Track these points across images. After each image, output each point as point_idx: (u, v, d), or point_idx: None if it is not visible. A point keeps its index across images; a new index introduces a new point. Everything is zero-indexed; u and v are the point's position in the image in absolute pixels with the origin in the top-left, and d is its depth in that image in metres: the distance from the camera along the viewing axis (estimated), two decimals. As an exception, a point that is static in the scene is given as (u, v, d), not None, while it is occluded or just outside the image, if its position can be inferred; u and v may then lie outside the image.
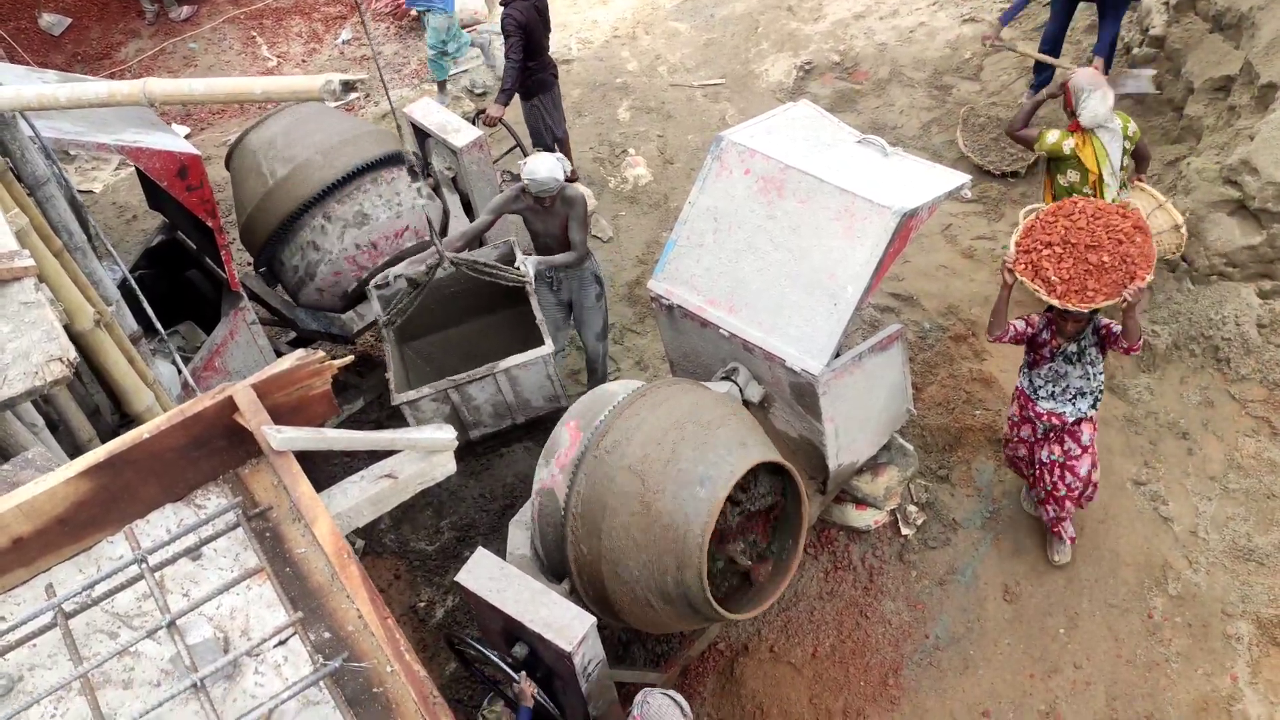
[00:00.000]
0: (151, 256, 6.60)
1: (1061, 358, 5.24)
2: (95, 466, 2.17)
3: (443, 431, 2.47)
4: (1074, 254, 4.84)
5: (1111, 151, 5.99)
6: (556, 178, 5.80)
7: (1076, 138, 5.99)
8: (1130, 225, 4.84)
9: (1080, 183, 6.07)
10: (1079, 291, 4.80)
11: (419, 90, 9.24)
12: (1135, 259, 4.77)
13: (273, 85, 2.82)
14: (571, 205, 6.03)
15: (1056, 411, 5.33)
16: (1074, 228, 4.89)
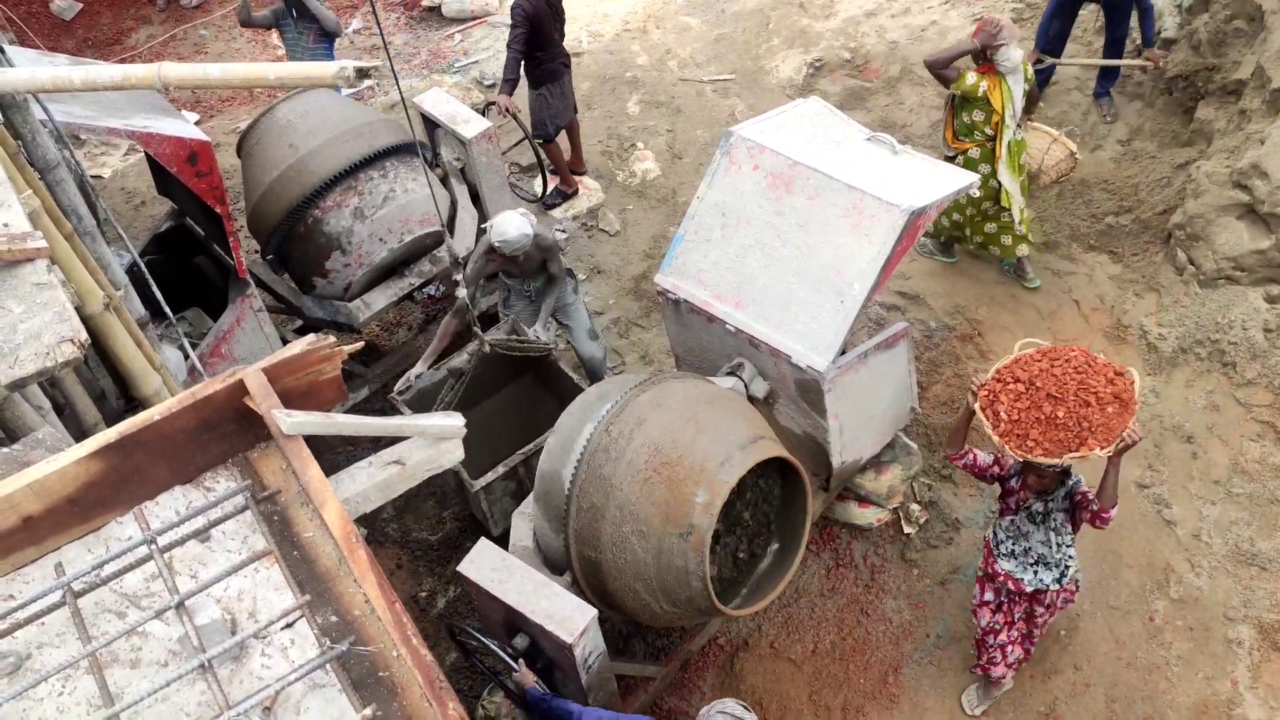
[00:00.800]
0: (160, 242, 6.62)
1: (1025, 514, 4.83)
2: (106, 447, 2.18)
3: (451, 419, 2.48)
4: (1033, 398, 4.46)
5: (1015, 95, 6.39)
6: (526, 234, 5.71)
7: (989, 80, 6.36)
8: (1109, 392, 4.41)
9: (984, 122, 6.49)
10: (1019, 437, 4.43)
11: (428, 80, 9.24)
12: (1094, 427, 4.35)
13: (287, 71, 2.83)
14: (545, 249, 5.97)
15: (1014, 575, 4.92)
16: (1048, 373, 4.51)
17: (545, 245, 5.96)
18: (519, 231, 5.70)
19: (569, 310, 6.37)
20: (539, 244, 5.91)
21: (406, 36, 10.31)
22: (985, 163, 6.57)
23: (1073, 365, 4.54)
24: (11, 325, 2.57)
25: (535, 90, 7.56)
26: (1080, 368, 4.52)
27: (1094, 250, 7.20)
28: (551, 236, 6.07)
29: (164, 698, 2.00)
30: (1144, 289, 6.81)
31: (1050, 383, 4.48)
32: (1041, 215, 7.53)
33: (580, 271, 7.59)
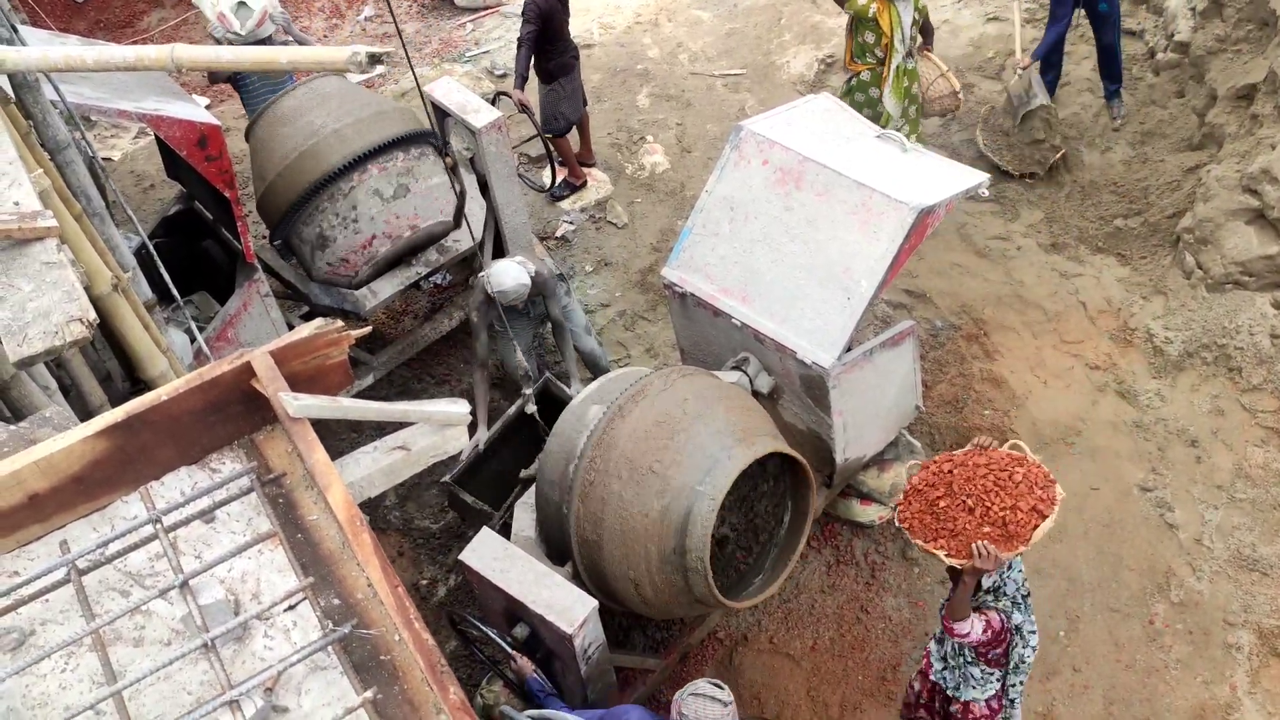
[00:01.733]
0: (168, 226, 6.63)
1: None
2: (113, 426, 2.19)
3: (456, 405, 2.49)
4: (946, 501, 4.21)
5: (904, 21, 6.91)
6: (524, 283, 5.62)
7: (878, 3, 6.84)
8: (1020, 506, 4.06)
9: (874, 44, 7.03)
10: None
11: (439, 69, 9.24)
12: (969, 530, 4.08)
13: (299, 55, 2.83)
14: (543, 286, 5.87)
15: (941, 685, 4.65)
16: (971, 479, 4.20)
17: (541, 283, 5.86)
18: (515, 282, 5.61)
19: (565, 313, 6.33)
20: (536, 284, 5.81)
21: (418, 25, 10.30)
22: (874, 86, 7.14)
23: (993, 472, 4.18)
24: (20, 303, 2.57)
25: (548, 85, 7.54)
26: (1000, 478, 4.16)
27: (1102, 252, 7.19)
28: (549, 271, 5.94)
29: (166, 676, 2.01)
30: (1151, 292, 6.80)
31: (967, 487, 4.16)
32: (1050, 216, 7.51)
33: (587, 263, 7.59)
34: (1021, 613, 4.32)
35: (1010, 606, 4.27)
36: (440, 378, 7.07)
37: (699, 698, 3.85)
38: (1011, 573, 4.30)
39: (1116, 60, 7.72)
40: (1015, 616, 4.27)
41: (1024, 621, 4.33)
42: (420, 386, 7.01)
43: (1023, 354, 6.68)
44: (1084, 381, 6.50)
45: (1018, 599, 4.31)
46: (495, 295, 5.67)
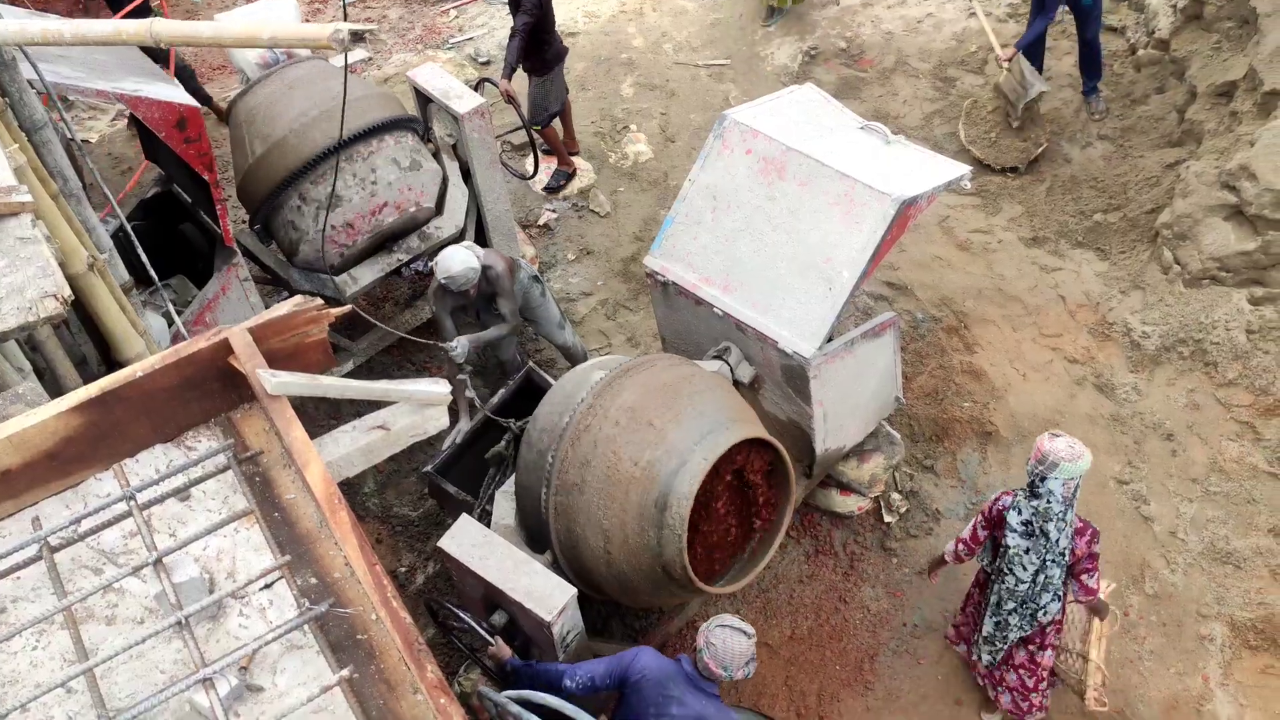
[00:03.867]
0: (146, 208, 6.55)
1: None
2: (87, 402, 2.16)
3: (436, 385, 2.47)
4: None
5: None
6: (472, 266, 5.59)
7: None
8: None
9: None
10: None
11: (422, 56, 9.18)
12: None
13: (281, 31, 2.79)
14: (496, 281, 5.84)
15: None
16: None
17: (493, 277, 5.82)
18: (463, 266, 5.56)
19: (536, 311, 6.30)
20: (488, 275, 5.78)
21: (401, 11, 10.22)
22: None
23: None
24: (-7, 279, 2.54)
25: (540, 77, 7.44)
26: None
27: (1081, 247, 7.23)
28: (500, 270, 5.84)
29: (139, 654, 1.99)
30: (1130, 287, 6.84)
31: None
32: (1030, 210, 7.55)
33: (569, 252, 7.57)
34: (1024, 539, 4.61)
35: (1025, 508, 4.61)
36: (421, 364, 7.03)
37: (726, 629, 3.98)
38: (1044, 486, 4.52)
39: (1097, 55, 7.76)
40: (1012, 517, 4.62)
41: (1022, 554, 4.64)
42: (400, 373, 6.97)
43: (1002, 347, 6.71)
44: (1062, 375, 6.53)
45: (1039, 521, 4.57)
46: (444, 281, 5.63)
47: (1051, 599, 4.74)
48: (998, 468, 6.18)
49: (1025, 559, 4.64)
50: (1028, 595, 4.75)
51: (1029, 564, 4.64)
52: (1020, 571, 4.67)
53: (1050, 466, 4.47)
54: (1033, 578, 4.67)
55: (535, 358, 6.81)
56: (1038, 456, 4.52)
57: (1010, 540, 4.65)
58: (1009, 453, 6.21)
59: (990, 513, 4.76)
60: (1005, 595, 4.79)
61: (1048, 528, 4.54)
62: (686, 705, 3.98)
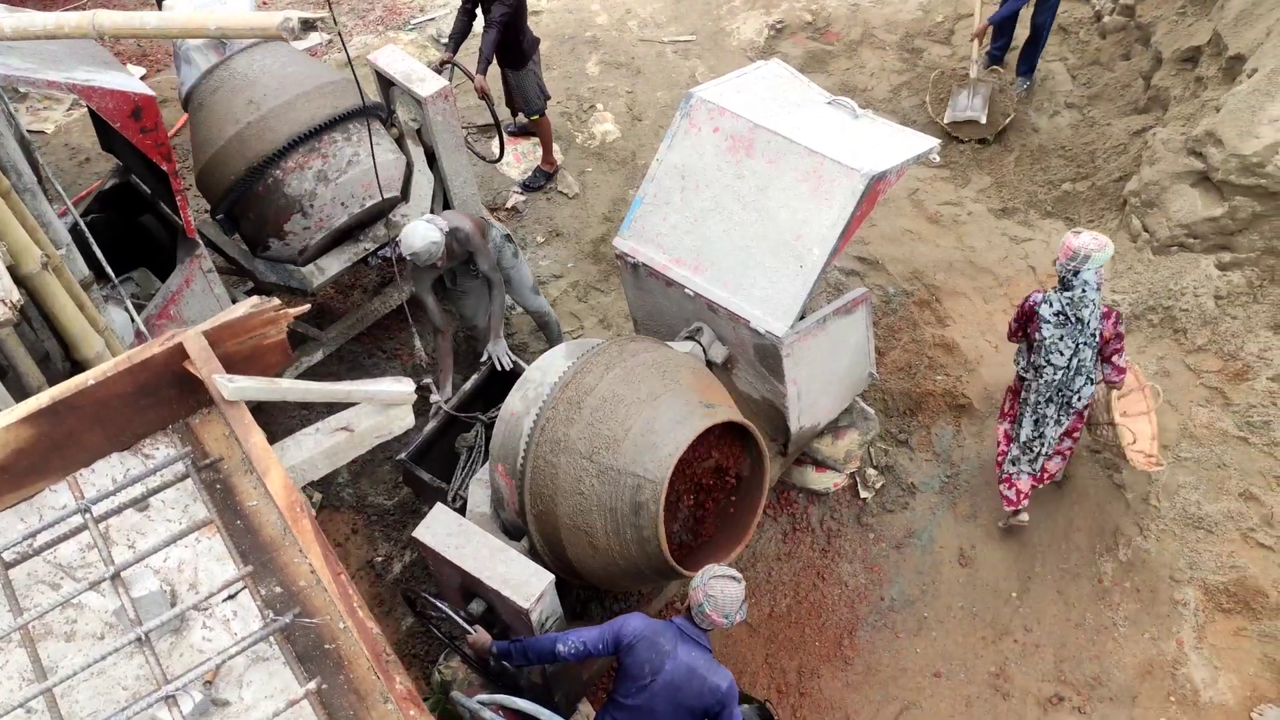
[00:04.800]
0: (104, 200, 6.41)
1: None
2: (37, 413, 2.10)
3: (400, 384, 2.42)
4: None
5: None
6: (434, 240, 5.46)
7: None
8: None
9: None
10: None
11: (383, 38, 9.03)
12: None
13: (228, 21, 2.72)
14: (466, 241, 5.76)
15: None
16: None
17: (464, 238, 5.73)
18: (425, 240, 5.44)
19: (509, 273, 6.24)
20: (457, 238, 5.69)
21: (361, -9, 10.05)
22: None
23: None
24: (-62, 286, 2.46)
25: (516, 70, 7.29)
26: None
27: (1050, 217, 7.23)
28: (469, 229, 5.77)
29: (100, 671, 1.94)
30: (1099, 255, 6.85)
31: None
32: (999, 181, 7.54)
33: (539, 234, 7.50)
34: (1062, 330, 5.16)
35: (1056, 300, 5.16)
36: (391, 352, 6.96)
37: (719, 579, 4.08)
38: (1078, 279, 5.08)
39: (1039, 45, 7.71)
40: (1044, 309, 5.17)
41: (1058, 340, 5.19)
42: (371, 361, 6.90)
43: (974, 319, 6.71)
44: (1034, 345, 6.55)
45: (1074, 307, 5.12)
46: (409, 259, 5.55)
47: (1085, 382, 5.32)
48: (972, 440, 6.20)
49: (1061, 345, 5.20)
50: (1063, 382, 5.30)
51: (1065, 349, 5.21)
52: (1057, 359, 5.24)
53: (1083, 260, 5.04)
54: (1068, 363, 5.23)
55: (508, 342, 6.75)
56: (1069, 254, 5.07)
57: (1045, 331, 5.21)
58: (983, 425, 6.23)
59: (1024, 309, 5.33)
60: (1043, 389, 5.35)
61: (1082, 313, 5.12)
62: (677, 659, 4.09)
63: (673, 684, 4.09)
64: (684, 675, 4.08)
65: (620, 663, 4.20)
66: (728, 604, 4.06)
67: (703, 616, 4.09)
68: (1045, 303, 5.19)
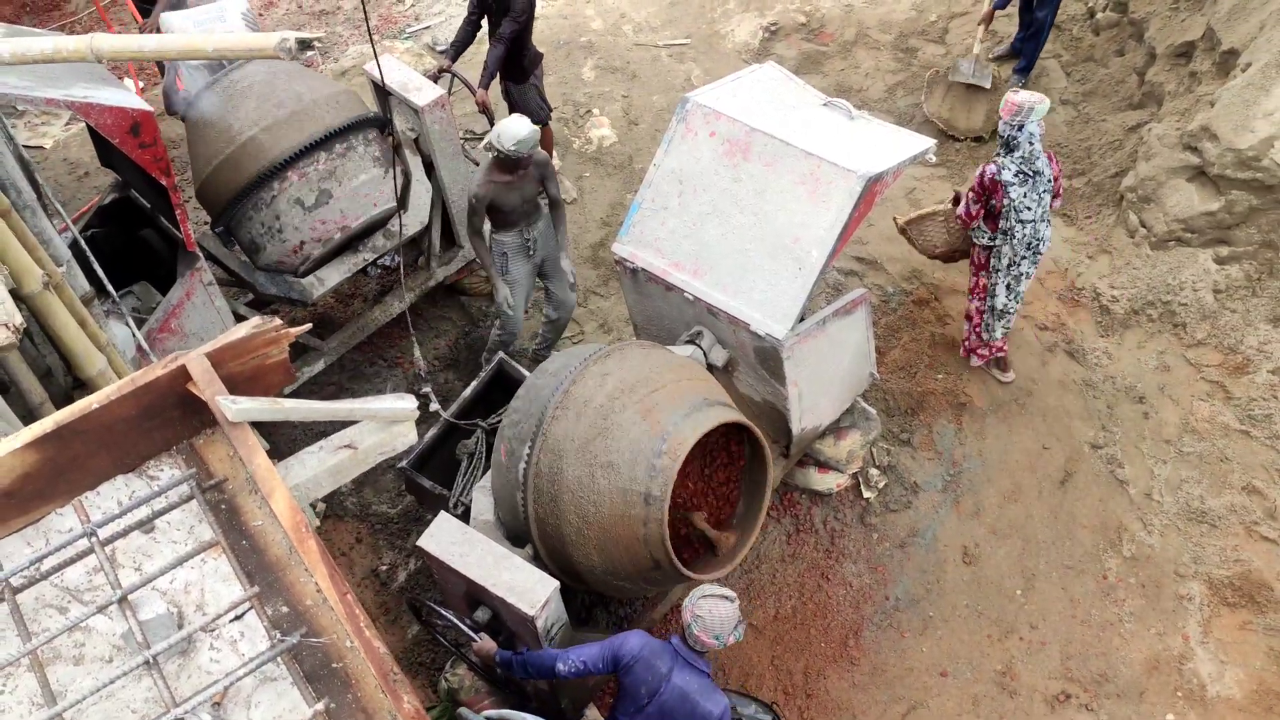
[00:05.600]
0: (104, 215, 6.43)
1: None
2: (42, 438, 2.11)
3: (403, 401, 2.43)
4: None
5: None
6: (535, 130, 5.70)
7: None
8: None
9: None
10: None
11: (380, 46, 9.05)
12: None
13: (225, 43, 2.73)
14: (544, 165, 5.94)
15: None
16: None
17: (542, 161, 5.92)
18: (529, 129, 5.66)
19: (560, 264, 6.30)
20: (538, 161, 5.89)
21: (356, 1, 10.07)
22: None
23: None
24: (-59, 310, 2.48)
25: (519, 84, 7.31)
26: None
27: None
28: (547, 158, 6.05)
29: (109, 695, 1.96)
30: (1097, 251, 6.87)
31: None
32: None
33: (537, 240, 7.50)
34: (1026, 187, 5.61)
35: (1010, 164, 5.62)
36: (392, 360, 6.98)
37: (710, 598, 4.04)
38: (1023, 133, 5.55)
39: (1039, 43, 7.70)
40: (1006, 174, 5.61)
41: (1023, 196, 5.64)
42: (372, 370, 6.92)
43: (973, 318, 6.72)
44: (1033, 342, 6.56)
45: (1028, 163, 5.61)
46: (513, 148, 5.61)
47: (1047, 227, 5.81)
48: (973, 438, 6.21)
49: (1028, 200, 5.64)
50: (1034, 235, 5.76)
51: (1032, 203, 5.66)
52: (1027, 214, 5.69)
53: (1028, 113, 5.51)
54: (1035, 215, 5.69)
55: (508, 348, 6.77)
56: (1013, 110, 5.53)
57: (1011, 193, 5.63)
58: (984, 423, 6.25)
59: (984, 185, 5.73)
60: (1017, 247, 5.80)
61: (1037, 165, 5.60)
62: (672, 682, 4.04)
63: (667, 708, 4.03)
64: (677, 700, 4.02)
65: (619, 682, 4.18)
66: (717, 624, 3.99)
67: (692, 637, 4.03)
68: (1003, 169, 5.64)
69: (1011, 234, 5.75)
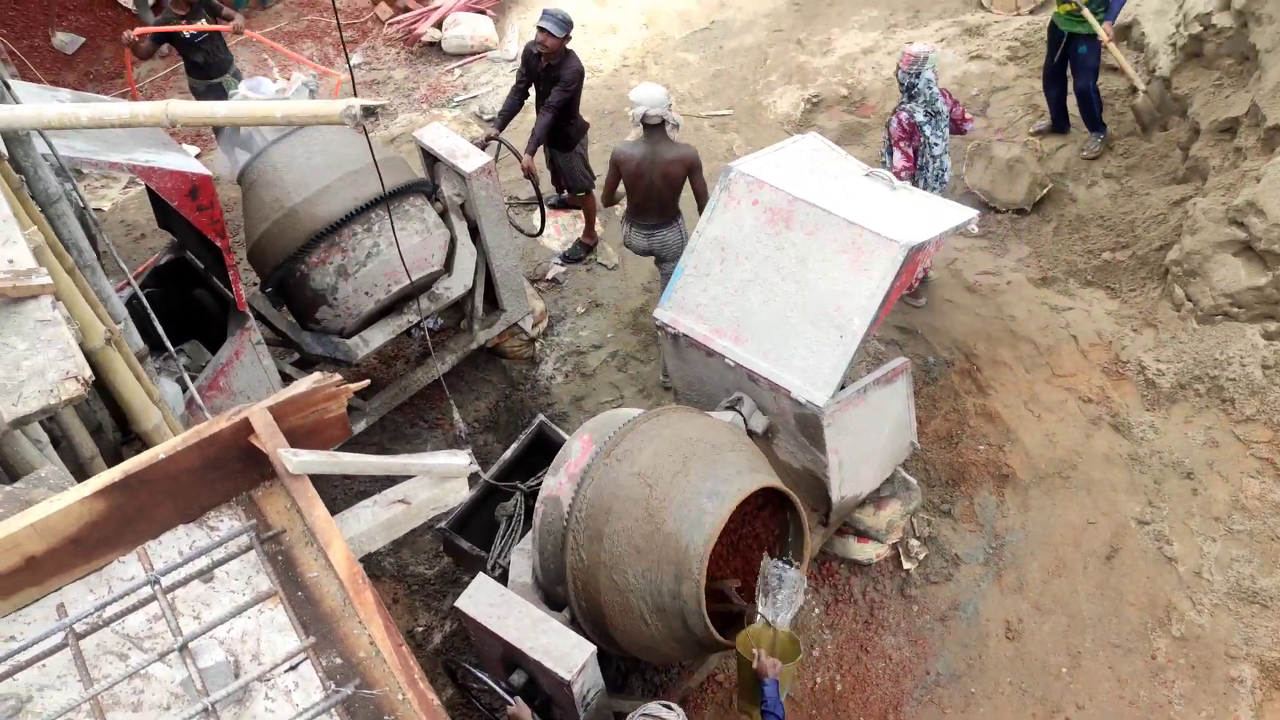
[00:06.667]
0: (159, 275, 6.61)
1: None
2: (110, 486, 2.17)
3: (456, 458, 2.47)
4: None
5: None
6: (669, 100, 6.33)
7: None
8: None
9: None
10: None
11: (428, 114, 9.29)
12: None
13: (294, 109, 2.84)
14: (685, 158, 6.49)
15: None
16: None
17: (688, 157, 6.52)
18: (662, 93, 6.33)
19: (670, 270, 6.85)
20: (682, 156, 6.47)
21: (406, 71, 10.36)
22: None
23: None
24: (15, 362, 2.56)
25: (568, 151, 7.47)
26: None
27: (1091, 286, 7.23)
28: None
29: (166, 742, 1.98)
30: (1142, 325, 6.83)
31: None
32: (1038, 251, 7.57)
33: (579, 305, 7.60)
34: (932, 125, 6.60)
35: (918, 108, 6.59)
36: (433, 422, 7.04)
37: (648, 718, 3.95)
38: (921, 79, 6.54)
39: (1093, 104, 7.78)
40: (918, 116, 6.58)
41: (932, 134, 6.63)
42: (413, 431, 6.98)
43: (1015, 388, 6.69)
44: (1078, 415, 6.51)
45: (930, 105, 6.59)
46: (646, 109, 6.24)
47: (948, 158, 6.84)
48: (1016, 510, 6.14)
49: (936, 136, 6.65)
50: (940, 167, 6.79)
51: (939, 138, 6.69)
52: (937, 149, 6.70)
53: (924, 61, 6.52)
54: (943, 148, 6.72)
55: (547, 411, 6.82)
56: (910, 60, 6.53)
57: (925, 130, 6.63)
58: (1026, 495, 6.18)
59: (904, 128, 6.64)
60: (929, 182, 6.79)
61: (937, 105, 6.61)
62: None
63: None
64: None
65: None
66: None
67: None
68: (914, 113, 6.58)
69: (925, 169, 6.72)
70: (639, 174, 6.47)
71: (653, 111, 6.26)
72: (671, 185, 6.50)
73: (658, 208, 6.62)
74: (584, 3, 10.66)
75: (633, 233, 6.84)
